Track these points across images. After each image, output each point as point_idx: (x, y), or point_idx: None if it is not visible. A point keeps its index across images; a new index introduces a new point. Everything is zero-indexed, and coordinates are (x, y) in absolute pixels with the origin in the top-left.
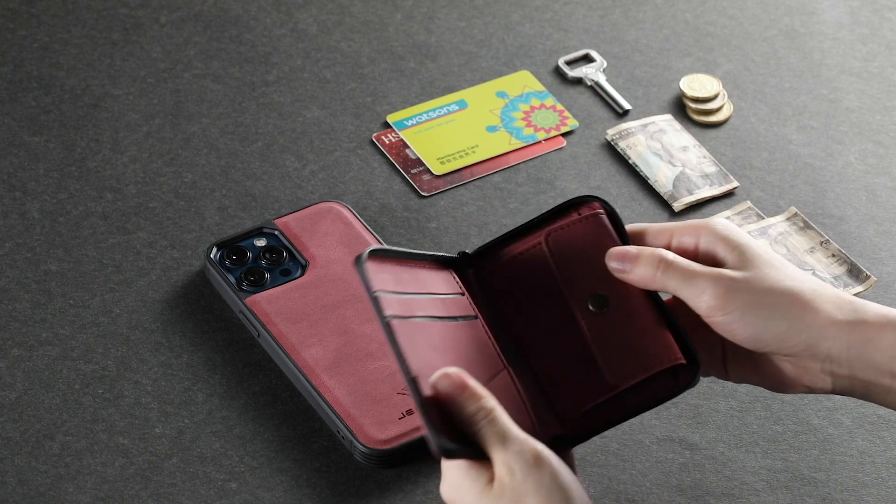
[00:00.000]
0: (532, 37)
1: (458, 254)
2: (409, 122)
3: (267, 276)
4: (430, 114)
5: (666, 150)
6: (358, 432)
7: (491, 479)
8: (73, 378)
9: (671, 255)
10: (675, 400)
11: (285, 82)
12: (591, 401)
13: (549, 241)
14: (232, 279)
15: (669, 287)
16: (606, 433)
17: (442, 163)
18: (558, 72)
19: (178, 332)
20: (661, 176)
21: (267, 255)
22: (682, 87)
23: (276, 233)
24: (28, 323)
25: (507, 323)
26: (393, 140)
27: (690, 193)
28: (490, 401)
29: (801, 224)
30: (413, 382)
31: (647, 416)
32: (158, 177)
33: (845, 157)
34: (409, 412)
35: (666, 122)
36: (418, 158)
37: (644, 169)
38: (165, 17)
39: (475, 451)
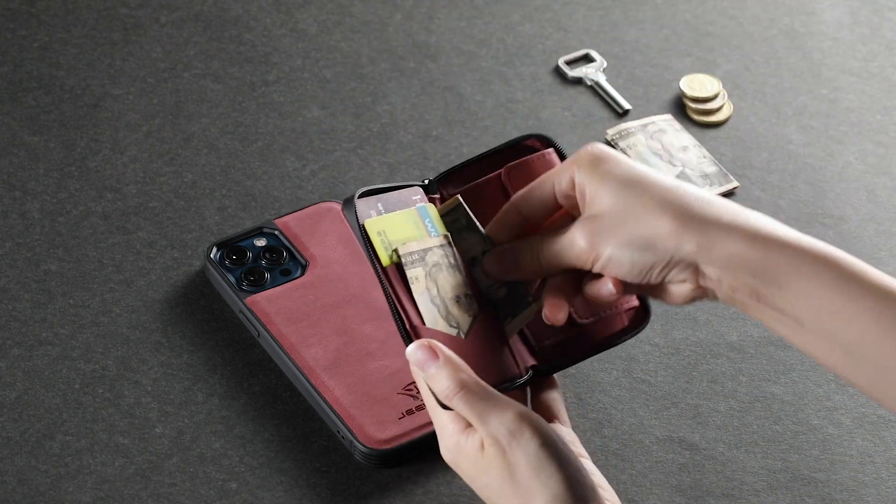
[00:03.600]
0: (532, 37)
1: (423, 181)
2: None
3: (267, 276)
4: None
5: (666, 150)
6: (358, 432)
7: (482, 445)
8: (73, 378)
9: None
10: (675, 400)
11: (285, 82)
12: (555, 335)
13: (509, 175)
14: (232, 279)
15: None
16: (606, 433)
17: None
18: (558, 72)
19: (178, 332)
20: None
21: (267, 255)
22: (682, 87)
23: (276, 233)
24: (28, 323)
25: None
26: None
27: None
28: (461, 374)
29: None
30: (413, 330)
31: (647, 416)
32: (158, 177)
33: (845, 157)
34: (409, 412)
35: (666, 122)
36: None
37: None
38: (165, 17)
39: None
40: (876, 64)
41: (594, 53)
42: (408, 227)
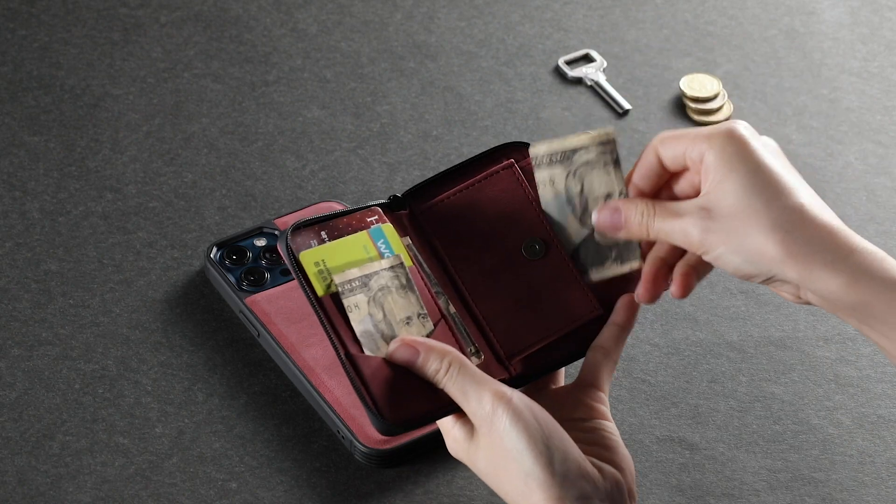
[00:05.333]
0: (532, 37)
1: (389, 197)
2: None
3: (267, 275)
4: None
5: (582, 198)
6: (358, 432)
7: (471, 431)
8: (73, 378)
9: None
10: (675, 400)
11: (285, 82)
12: (528, 347)
13: (481, 186)
14: (232, 279)
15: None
16: None
17: None
18: (558, 72)
19: (178, 332)
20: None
21: (267, 255)
22: (682, 87)
23: (276, 233)
24: (28, 323)
25: (444, 263)
26: None
27: None
28: (447, 357)
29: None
30: (350, 359)
31: (647, 416)
32: (158, 177)
33: (845, 157)
34: None
35: (600, 152)
36: None
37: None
38: (165, 17)
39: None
40: (876, 64)
41: (594, 53)
42: (354, 251)
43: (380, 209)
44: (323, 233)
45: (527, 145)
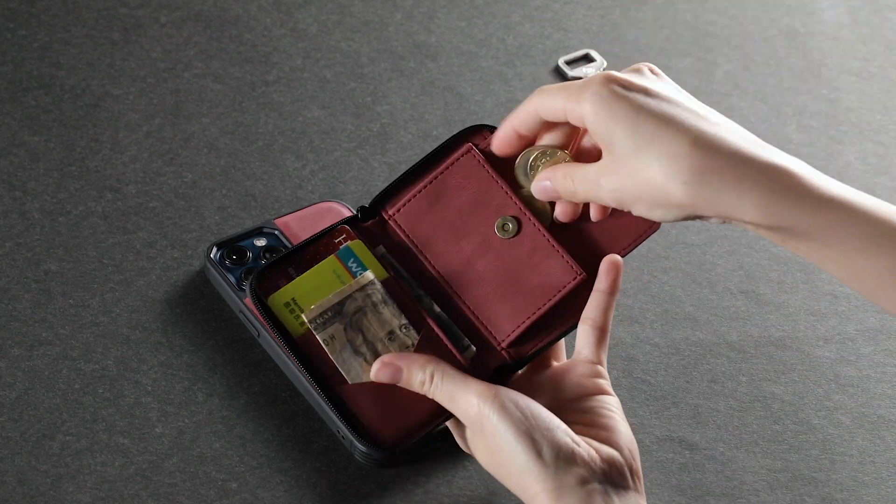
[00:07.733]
0: (532, 37)
1: (357, 211)
2: None
3: None
4: None
5: (370, 343)
6: None
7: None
8: (73, 378)
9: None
10: (675, 400)
11: (285, 82)
12: (518, 327)
13: (444, 177)
14: (232, 279)
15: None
16: None
17: None
18: (558, 72)
19: (178, 332)
20: None
21: (267, 255)
22: None
23: (276, 233)
24: (28, 323)
25: (422, 264)
26: None
27: None
28: (428, 368)
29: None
30: (334, 396)
31: (647, 416)
32: (158, 177)
33: (845, 157)
34: None
35: (375, 289)
36: None
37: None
38: (165, 17)
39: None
40: (876, 64)
41: (594, 53)
42: (324, 279)
43: (347, 227)
44: (290, 269)
45: (485, 126)
